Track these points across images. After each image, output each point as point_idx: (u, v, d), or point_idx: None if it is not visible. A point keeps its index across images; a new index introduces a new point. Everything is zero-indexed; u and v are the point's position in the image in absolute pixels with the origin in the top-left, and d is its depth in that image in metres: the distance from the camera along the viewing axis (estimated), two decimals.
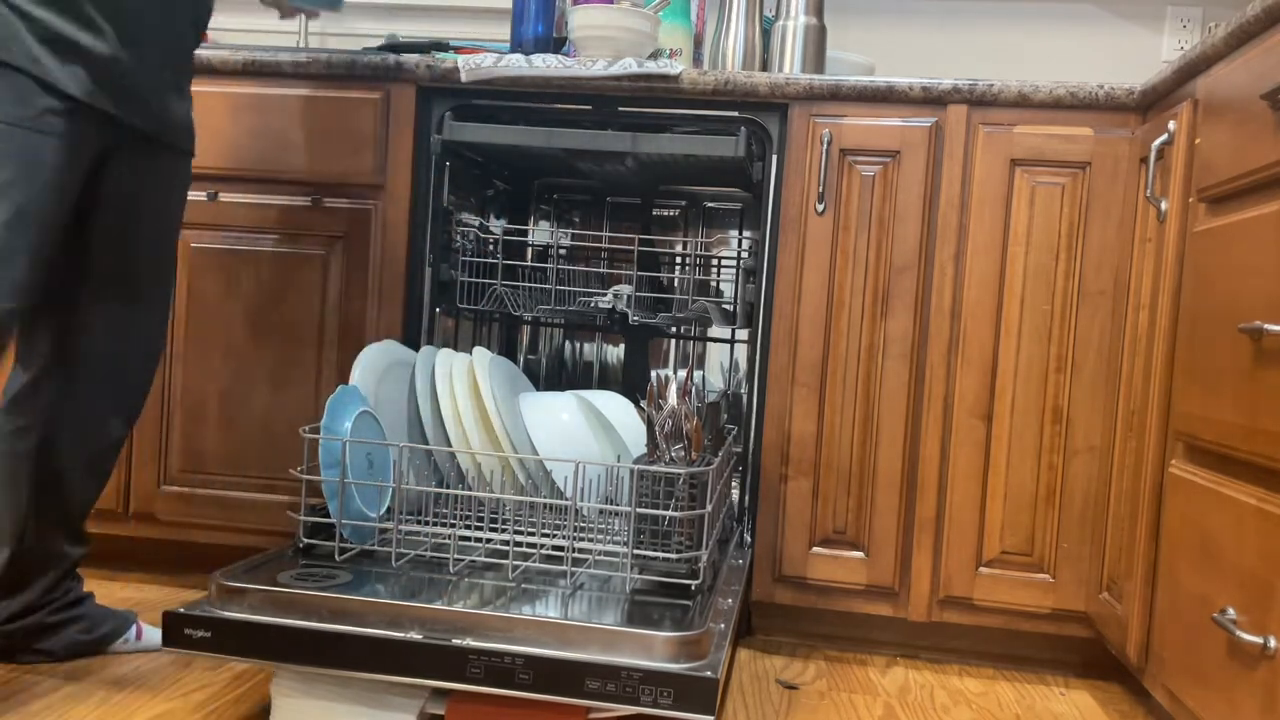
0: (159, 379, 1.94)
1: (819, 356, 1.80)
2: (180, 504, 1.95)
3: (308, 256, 1.91)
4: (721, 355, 2.35)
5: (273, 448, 1.92)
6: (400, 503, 1.46)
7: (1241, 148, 1.27)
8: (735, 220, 2.34)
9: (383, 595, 1.28)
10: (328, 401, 1.46)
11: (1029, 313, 1.75)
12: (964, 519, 1.76)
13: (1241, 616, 1.17)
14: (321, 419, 1.44)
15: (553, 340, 2.45)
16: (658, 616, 1.30)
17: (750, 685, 1.66)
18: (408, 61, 1.88)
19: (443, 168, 1.92)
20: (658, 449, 1.48)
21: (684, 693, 1.16)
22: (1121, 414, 1.64)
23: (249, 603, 1.27)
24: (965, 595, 1.77)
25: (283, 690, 1.29)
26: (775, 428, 1.81)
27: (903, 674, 1.78)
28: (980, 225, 1.75)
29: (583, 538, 1.58)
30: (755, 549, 1.82)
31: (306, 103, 1.90)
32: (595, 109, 1.88)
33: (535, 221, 2.42)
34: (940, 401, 1.77)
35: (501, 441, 1.57)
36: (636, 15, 1.89)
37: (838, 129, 1.79)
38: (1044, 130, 1.74)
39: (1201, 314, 1.35)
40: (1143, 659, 1.47)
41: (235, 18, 2.65)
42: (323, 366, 1.91)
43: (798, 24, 2.02)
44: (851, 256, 1.79)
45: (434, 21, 2.57)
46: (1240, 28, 1.32)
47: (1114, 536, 1.63)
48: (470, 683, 1.19)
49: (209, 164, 1.92)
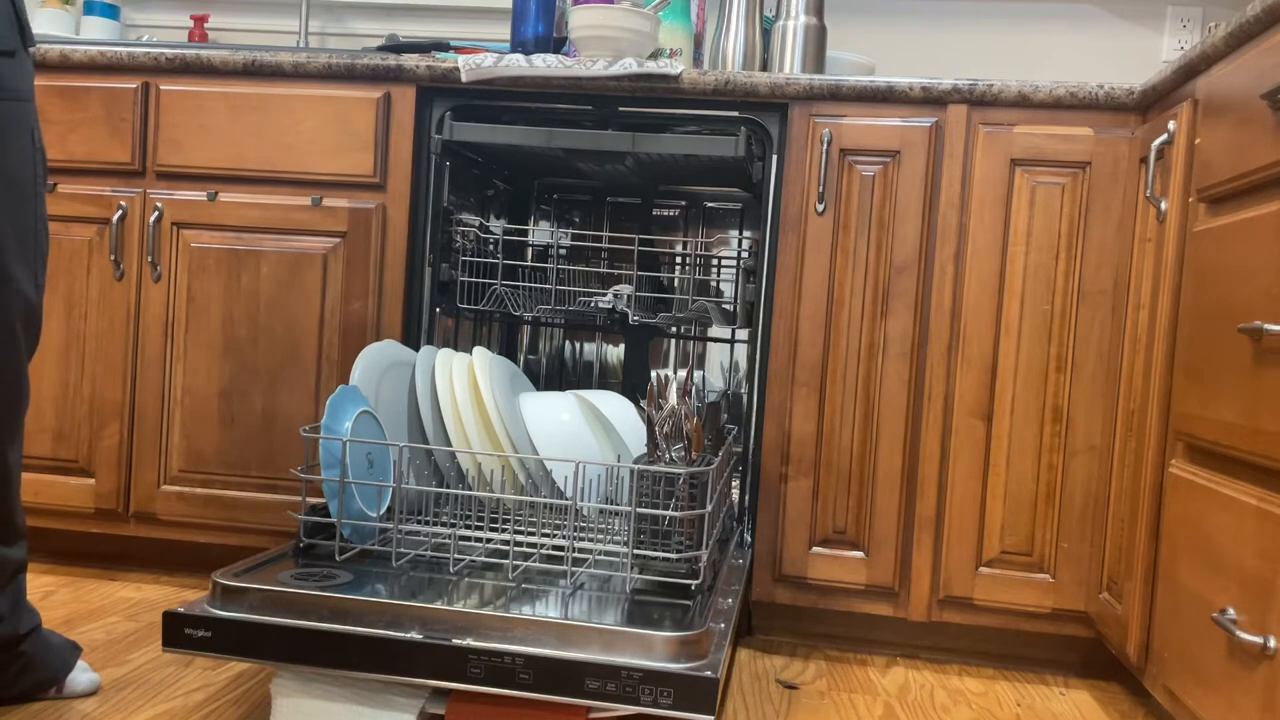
0: (159, 379, 1.94)
1: (819, 356, 1.80)
2: (180, 504, 1.95)
3: (308, 256, 1.91)
4: (721, 355, 2.35)
5: (273, 448, 1.92)
6: (400, 503, 1.46)
7: (1241, 148, 1.27)
8: (735, 220, 2.34)
9: (383, 595, 1.28)
10: (328, 401, 1.46)
11: (1029, 312, 1.75)
12: (964, 519, 1.76)
13: (1241, 616, 1.17)
14: (322, 419, 1.44)
15: (553, 340, 2.45)
16: (658, 616, 1.30)
17: (750, 685, 1.66)
18: (408, 61, 1.88)
19: (443, 168, 1.92)
20: (658, 449, 1.48)
21: (684, 692, 1.16)
22: (1121, 414, 1.64)
23: (249, 603, 1.27)
24: (965, 595, 1.77)
25: (283, 690, 1.29)
26: (775, 427, 1.81)
27: (903, 674, 1.78)
28: (980, 225, 1.76)
29: (583, 538, 1.58)
30: (755, 549, 1.82)
31: (306, 103, 1.90)
32: (595, 109, 1.88)
33: (535, 221, 2.42)
34: (940, 401, 1.77)
35: (501, 441, 1.57)
36: (636, 15, 1.89)
37: (838, 129, 1.79)
38: (1044, 130, 1.74)
39: (1201, 314, 1.35)
40: (1143, 659, 1.47)
41: (235, 18, 2.66)
42: (323, 366, 1.91)
43: (798, 24, 2.02)
44: (851, 256, 1.79)
45: (434, 21, 2.57)
46: (1240, 28, 1.32)
47: (1114, 536, 1.63)
48: (470, 682, 1.19)
49: (209, 164, 1.93)
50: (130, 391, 1.96)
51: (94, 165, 1.96)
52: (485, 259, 2.03)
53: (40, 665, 1.38)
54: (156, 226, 1.94)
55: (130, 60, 1.94)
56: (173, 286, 1.95)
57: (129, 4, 2.68)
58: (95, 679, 1.45)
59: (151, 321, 1.95)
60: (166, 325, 1.95)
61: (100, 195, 1.95)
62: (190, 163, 1.93)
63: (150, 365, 1.95)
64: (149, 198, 1.95)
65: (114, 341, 1.96)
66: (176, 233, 1.94)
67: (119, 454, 1.96)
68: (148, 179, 1.96)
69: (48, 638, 1.40)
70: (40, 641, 1.39)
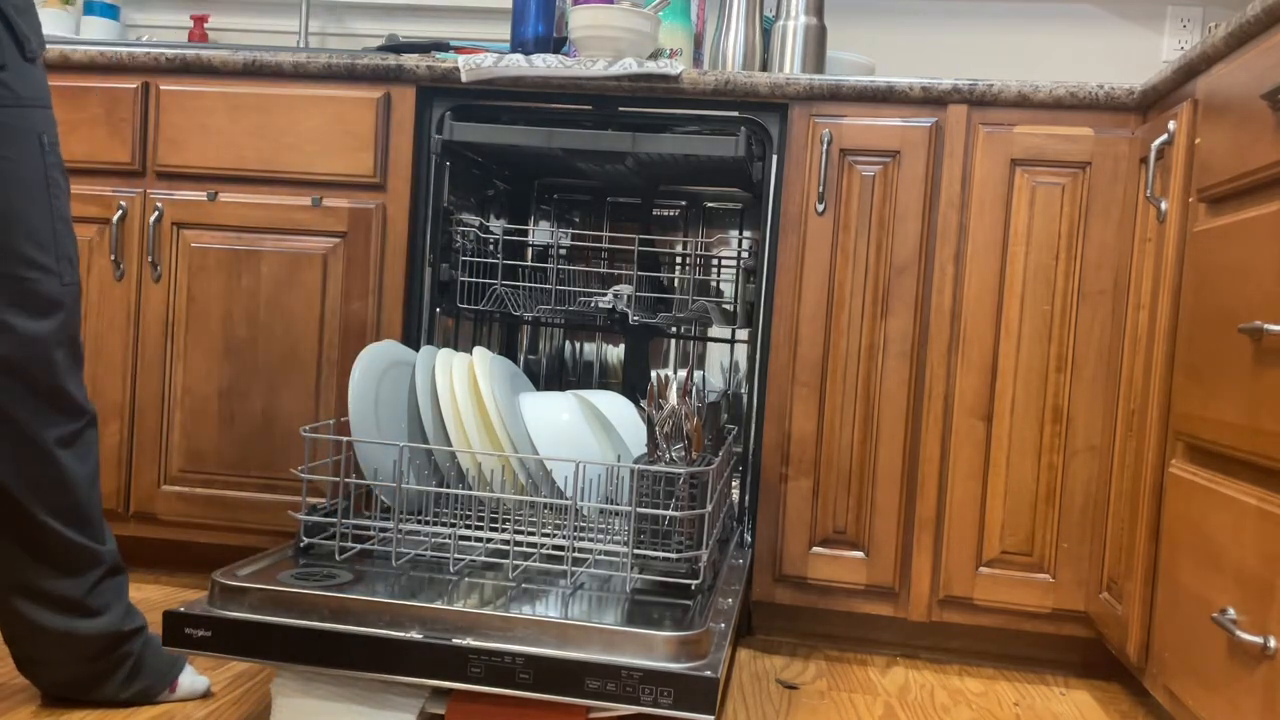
0: (159, 379, 1.94)
1: (819, 356, 1.80)
2: (180, 504, 1.95)
3: (308, 256, 1.91)
4: (721, 355, 2.35)
5: (273, 447, 1.92)
6: (400, 502, 1.46)
7: (1241, 148, 1.28)
8: (735, 220, 2.34)
9: (383, 595, 1.28)
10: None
11: (1029, 312, 1.75)
12: (964, 519, 1.76)
13: (1241, 616, 1.17)
14: (321, 419, 1.44)
15: (553, 340, 2.45)
16: (658, 616, 1.30)
17: (750, 685, 1.66)
18: (408, 61, 1.88)
19: (443, 168, 1.92)
20: (658, 449, 1.48)
21: (684, 692, 1.16)
22: (1121, 414, 1.64)
23: (249, 602, 1.27)
24: (965, 595, 1.77)
25: (283, 690, 1.29)
26: (775, 427, 1.81)
27: (903, 674, 1.78)
28: (980, 225, 1.76)
29: (583, 537, 1.58)
30: (755, 549, 1.82)
31: (306, 103, 1.90)
32: (595, 109, 1.88)
33: (535, 221, 2.42)
34: (940, 401, 1.77)
35: (501, 441, 1.57)
36: (636, 15, 1.89)
37: (838, 129, 1.79)
38: (1044, 130, 1.74)
39: (1201, 314, 1.35)
40: (1143, 659, 1.47)
41: (235, 18, 2.66)
42: (323, 366, 1.91)
43: (798, 24, 2.02)
44: (851, 256, 1.79)
45: (434, 21, 2.57)
46: (1240, 28, 1.32)
47: (1114, 536, 1.63)
48: (470, 682, 1.19)
49: (209, 164, 1.93)
50: (130, 391, 1.96)
51: (94, 165, 1.96)
52: (485, 259, 2.03)
53: (150, 667, 1.42)
54: (156, 226, 1.94)
55: (130, 60, 1.94)
56: (173, 286, 1.94)
57: (129, 4, 2.68)
58: (206, 681, 1.47)
59: (151, 321, 1.95)
60: (166, 325, 1.95)
61: (100, 195, 1.95)
62: (190, 163, 1.93)
63: (150, 365, 1.95)
64: (149, 198, 1.95)
65: (114, 341, 1.96)
66: (176, 233, 1.94)
67: (119, 454, 1.96)
68: (148, 179, 1.96)
69: (156, 640, 1.43)
70: (149, 643, 1.42)
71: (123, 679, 1.39)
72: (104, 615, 1.36)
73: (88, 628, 1.35)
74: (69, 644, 1.34)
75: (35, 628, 1.33)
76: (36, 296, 1.30)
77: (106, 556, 1.38)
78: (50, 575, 1.33)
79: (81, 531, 1.35)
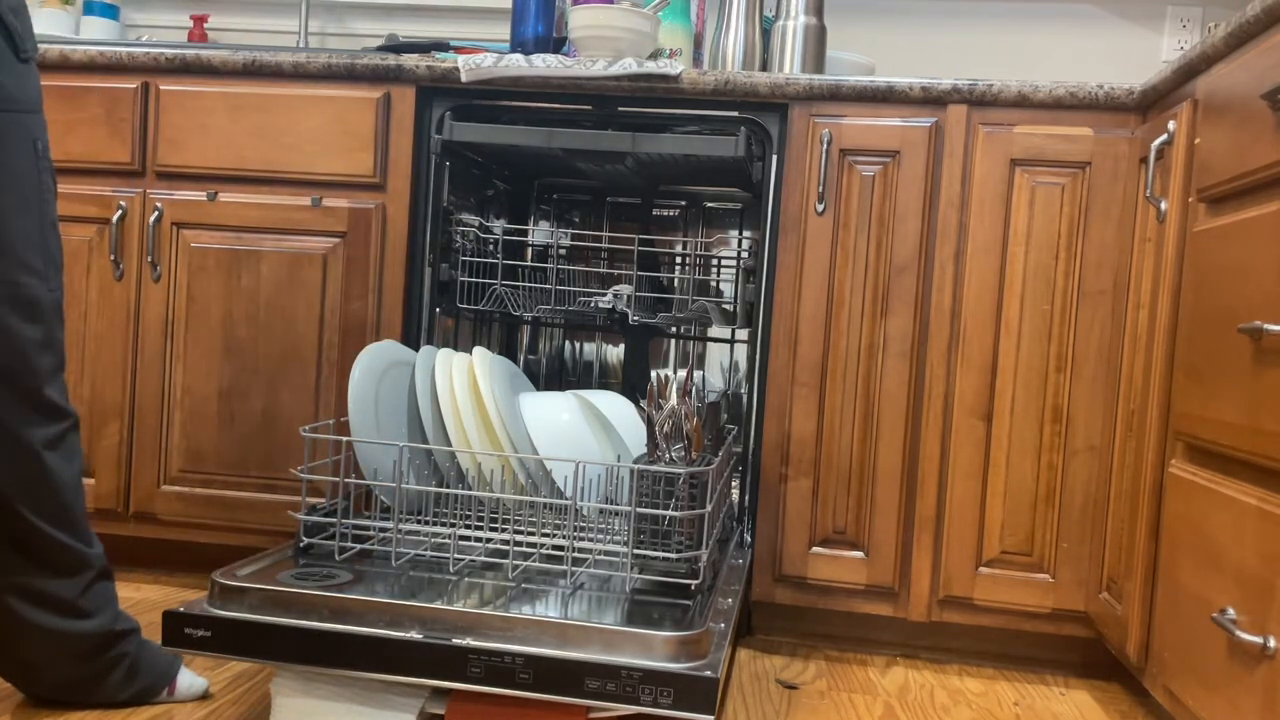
0: (159, 379, 1.94)
1: (819, 356, 1.80)
2: (180, 504, 1.95)
3: (308, 256, 1.91)
4: (721, 355, 2.35)
5: (273, 447, 1.92)
6: (400, 502, 1.46)
7: (1241, 148, 1.27)
8: (735, 220, 2.34)
9: (383, 595, 1.28)
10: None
11: (1029, 312, 1.75)
12: (964, 519, 1.76)
13: (1241, 616, 1.17)
14: (321, 419, 1.44)
15: (553, 340, 2.45)
16: (658, 616, 1.30)
17: (750, 685, 1.66)
18: (407, 61, 1.88)
19: (442, 167, 1.92)
20: (658, 449, 1.48)
21: (684, 692, 1.16)
22: (1121, 414, 1.64)
23: (249, 602, 1.27)
24: (965, 595, 1.77)
25: (283, 690, 1.29)
26: (775, 427, 1.81)
27: (903, 674, 1.78)
28: (980, 225, 1.76)
29: (583, 537, 1.58)
30: (755, 549, 1.82)
31: (306, 103, 1.90)
32: (595, 109, 1.88)
33: (535, 221, 2.42)
34: (940, 401, 1.77)
35: (501, 441, 1.57)
36: (636, 15, 1.89)
37: (838, 129, 1.79)
38: (1044, 130, 1.74)
39: (1201, 314, 1.35)
40: (1143, 659, 1.47)
41: (235, 18, 2.66)
42: (323, 366, 1.91)
43: (798, 24, 2.02)
44: (851, 256, 1.79)
45: (434, 21, 2.57)
46: (1240, 28, 1.32)
47: (1114, 536, 1.63)
48: (470, 682, 1.19)
49: (209, 164, 1.93)
50: (130, 391, 1.96)
51: (94, 165, 1.96)
52: (485, 259, 2.03)
53: (147, 668, 1.42)
54: (156, 226, 1.94)
55: (130, 60, 1.94)
56: (173, 286, 1.94)
57: (129, 4, 2.68)
58: (205, 682, 1.47)
59: (151, 321, 1.95)
60: (166, 325, 1.95)
61: (100, 195, 1.95)
62: (190, 163, 1.93)
63: (150, 365, 1.95)
64: (149, 198, 1.95)
65: (114, 341, 1.96)
66: (176, 233, 1.94)
67: (119, 454, 1.96)
68: (148, 179, 1.96)
69: (150, 643, 1.43)
70: (144, 645, 1.42)
71: (120, 680, 1.39)
72: (97, 617, 1.36)
73: (82, 628, 1.35)
74: (65, 644, 1.34)
75: (32, 628, 1.33)
76: (27, 301, 1.29)
77: (95, 560, 1.38)
78: (44, 576, 1.33)
79: (70, 534, 1.35)
